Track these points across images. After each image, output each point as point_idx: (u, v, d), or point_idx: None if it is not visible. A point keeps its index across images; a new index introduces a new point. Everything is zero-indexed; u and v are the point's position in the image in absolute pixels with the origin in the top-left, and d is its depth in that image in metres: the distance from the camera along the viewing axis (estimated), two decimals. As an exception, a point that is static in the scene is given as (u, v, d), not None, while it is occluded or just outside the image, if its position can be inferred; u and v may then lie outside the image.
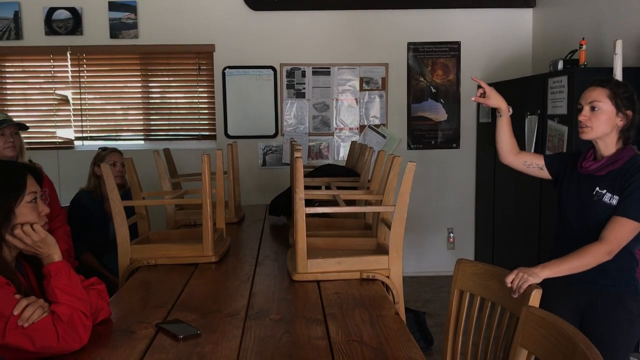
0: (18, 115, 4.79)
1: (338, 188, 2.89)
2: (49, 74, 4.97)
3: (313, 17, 4.98)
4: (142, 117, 5.08)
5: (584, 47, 3.64)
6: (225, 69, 4.97)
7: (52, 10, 4.82)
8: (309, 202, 2.21)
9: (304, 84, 5.03)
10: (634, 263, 2.07)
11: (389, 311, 1.80)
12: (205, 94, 5.06)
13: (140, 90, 5.06)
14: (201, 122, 5.09)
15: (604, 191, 2.03)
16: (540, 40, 4.95)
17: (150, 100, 5.07)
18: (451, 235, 5.22)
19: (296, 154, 2.16)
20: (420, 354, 1.48)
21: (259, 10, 4.93)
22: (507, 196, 4.44)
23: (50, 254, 1.59)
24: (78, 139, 5.03)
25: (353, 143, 4.01)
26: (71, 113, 5.00)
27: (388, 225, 2.21)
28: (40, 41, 4.85)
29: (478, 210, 5.15)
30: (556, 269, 1.91)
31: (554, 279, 1.90)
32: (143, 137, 5.09)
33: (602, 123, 2.03)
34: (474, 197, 5.19)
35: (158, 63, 5.02)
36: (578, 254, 1.93)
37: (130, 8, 4.85)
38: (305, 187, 2.16)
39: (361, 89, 5.07)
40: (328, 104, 5.07)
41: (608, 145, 2.07)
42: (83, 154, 4.78)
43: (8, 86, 4.98)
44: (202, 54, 4.99)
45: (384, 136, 5.10)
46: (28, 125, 3.21)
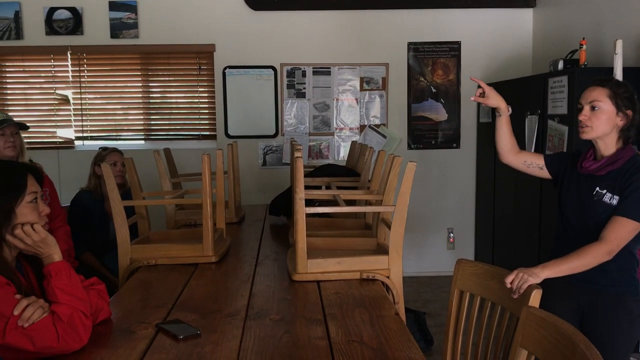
0: (18, 115, 4.79)
1: (338, 188, 2.89)
2: (49, 74, 4.97)
3: (313, 17, 4.98)
4: (143, 117, 5.08)
5: (584, 47, 3.64)
6: (225, 68, 4.97)
7: (53, 10, 4.82)
8: (309, 202, 2.21)
9: (304, 83, 5.03)
10: (634, 263, 2.07)
11: (389, 311, 1.80)
12: (206, 94, 5.06)
13: (141, 90, 5.06)
14: (201, 122, 5.09)
15: (604, 191, 2.03)
16: (540, 40, 4.95)
17: (151, 100, 5.07)
18: (451, 235, 5.22)
19: (296, 153, 2.16)
20: (420, 354, 1.48)
21: (260, 10, 4.93)
22: (507, 196, 4.44)
23: (50, 254, 1.59)
24: (78, 138, 5.03)
25: (353, 143, 4.01)
26: (71, 113, 5.01)
27: (388, 225, 2.21)
28: (41, 41, 4.85)
29: (478, 210, 5.15)
30: (556, 269, 1.91)
31: (554, 279, 1.90)
32: (143, 137, 5.09)
33: (603, 123, 2.03)
34: (474, 197, 5.19)
35: (158, 63, 5.02)
36: (578, 254, 1.93)
37: (130, 8, 4.85)
38: (306, 187, 2.16)
39: (361, 89, 5.07)
40: (328, 104, 5.07)
41: (608, 145, 2.07)
42: (83, 153, 4.78)
43: (8, 86, 4.98)
44: (203, 54, 4.99)
45: (384, 136, 5.10)
46: (28, 125, 3.21)
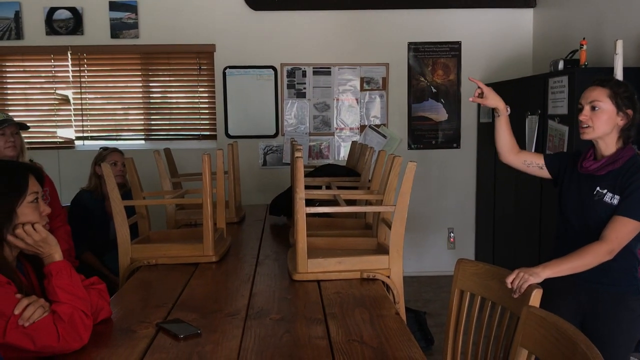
0: (19, 115, 4.79)
1: (338, 188, 2.89)
2: (49, 74, 4.97)
3: (314, 17, 4.98)
4: (143, 117, 5.08)
5: (584, 47, 3.64)
6: (225, 68, 4.97)
7: (53, 10, 4.83)
8: (309, 202, 2.21)
9: (304, 83, 5.03)
10: (635, 262, 2.07)
11: (390, 311, 1.80)
12: (206, 94, 5.06)
13: (141, 90, 5.06)
14: (202, 122, 5.09)
15: (605, 191, 2.03)
16: (540, 40, 4.95)
17: (151, 100, 5.07)
18: (452, 235, 5.22)
19: (297, 153, 2.16)
20: (421, 354, 1.48)
21: (260, 10, 4.93)
22: (508, 196, 4.44)
23: (51, 254, 1.59)
24: (79, 138, 5.03)
25: (353, 143, 4.01)
26: (72, 113, 5.01)
27: (388, 225, 2.21)
28: (41, 41, 4.85)
29: (478, 210, 5.15)
30: (557, 269, 1.91)
31: (554, 279, 1.90)
32: (144, 137, 5.09)
33: (603, 123, 2.03)
34: (474, 197, 5.19)
35: (159, 63, 5.02)
36: (579, 254, 1.93)
37: (130, 8, 4.85)
38: (306, 187, 2.16)
39: (362, 89, 5.07)
40: (328, 104, 5.07)
41: (608, 145, 2.07)
42: (83, 153, 4.78)
43: (9, 86, 4.98)
44: (203, 54, 4.99)
45: (384, 136, 5.10)
46: (29, 125, 3.21)
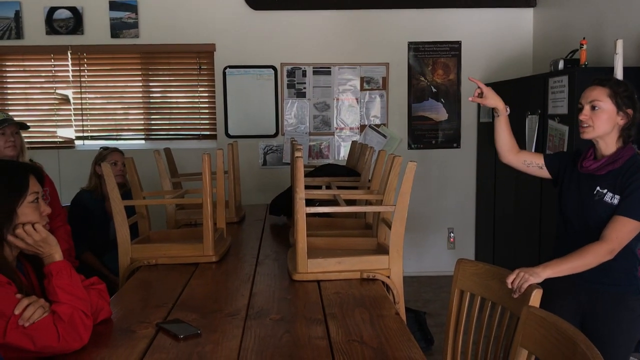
0: (19, 115, 4.79)
1: (338, 188, 2.89)
2: (49, 74, 4.97)
3: (314, 17, 4.98)
4: (143, 117, 5.08)
5: (584, 47, 3.64)
6: (225, 68, 4.97)
7: (53, 9, 4.82)
8: (309, 202, 2.21)
9: (304, 83, 5.03)
10: (635, 262, 2.07)
11: (390, 311, 1.80)
12: (206, 94, 5.06)
13: (141, 89, 5.06)
14: (202, 122, 5.09)
15: (605, 190, 2.03)
16: (540, 40, 4.95)
17: (151, 100, 5.07)
18: (452, 235, 5.22)
19: (297, 153, 2.16)
20: (421, 354, 1.48)
21: (260, 10, 4.93)
22: (508, 196, 4.44)
23: (51, 254, 1.59)
24: (79, 138, 5.03)
25: (353, 143, 4.01)
26: (72, 112, 5.01)
27: (388, 225, 2.21)
28: (41, 41, 4.85)
29: (479, 210, 5.15)
30: (557, 269, 1.90)
31: (555, 279, 1.90)
32: (144, 137, 5.09)
33: (603, 122, 2.03)
34: (474, 197, 5.19)
35: (159, 62, 5.02)
36: (579, 254, 1.93)
37: (130, 7, 4.85)
38: (306, 187, 2.16)
39: (362, 89, 5.07)
40: (329, 104, 5.07)
41: (608, 145, 2.06)
42: (84, 153, 4.78)
43: (9, 86, 4.98)
44: (203, 54, 4.99)
45: (384, 136, 5.10)
46: (29, 124, 3.21)
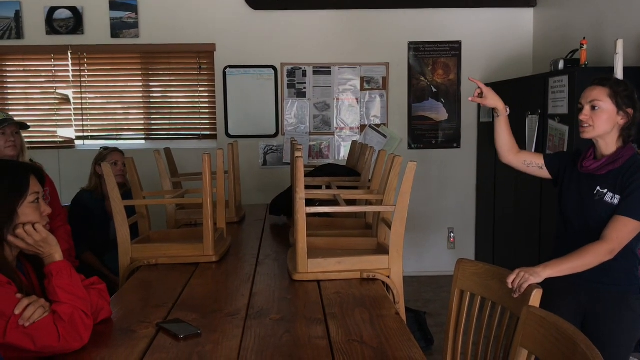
0: (19, 115, 4.79)
1: (338, 188, 2.89)
2: (49, 74, 4.97)
3: (314, 17, 4.98)
4: (143, 117, 5.08)
5: (584, 47, 3.64)
6: (226, 68, 4.97)
7: (53, 9, 4.83)
8: (309, 202, 2.21)
9: (304, 83, 5.03)
10: (636, 262, 2.07)
11: (390, 311, 1.80)
12: (206, 94, 5.06)
13: (141, 89, 5.06)
14: (202, 122, 5.09)
15: (605, 190, 2.03)
16: (541, 40, 4.95)
17: (151, 100, 5.07)
18: (452, 235, 5.22)
19: (297, 153, 2.16)
20: (421, 354, 1.48)
21: (260, 10, 4.93)
22: (508, 196, 4.44)
23: (51, 254, 1.59)
24: (79, 138, 5.03)
25: (354, 143, 4.01)
26: (72, 112, 5.01)
27: (388, 225, 2.21)
28: (41, 40, 4.85)
29: (479, 210, 5.15)
30: (557, 269, 1.90)
31: (555, 279, 1.90)
32: (144, 137, 5.09)
33: (603, 122, 2.03)
34: (474, 197, 5.19)
35: (159, 62, 5.02)
36: (579, 254, 1.93)
37: (131, 7, 4.85)
38: (306, 187, 2.16)
39: (362, 89, 5.07)
40: (329, 104, 5.07)
41: (609, 144, 2.06)
42: (84, 153, 4.78)
43: (9, 85, 4.98)
44: (203, 54, 4.99)
45: (384, 136, 5.10)
46: (29, 124, 3.21)
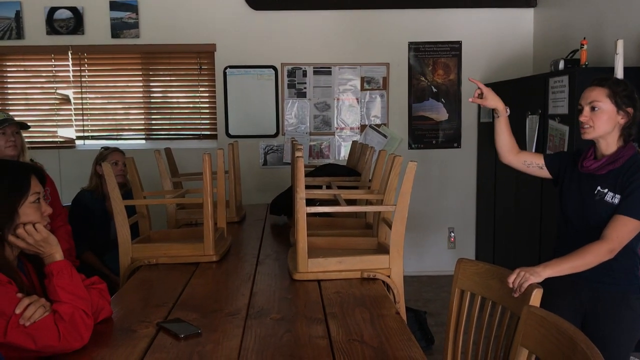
0: (19, 115, 4.80)
1: (339, 187, 2.89)
2: (50, 74, 4.98)
3: (314, 17, 4.98)
4: (143, 117, 5.08)
5: (585, 47, 3.64)
6: (226, 68, 4.97)
7: (54, 9, 4.83)
8: (309, 202, 2.21)
9: (305, 83, 5.03)
10: (636, 261, 2.07)
11: (390, 310, 1.80)
12: (207, 94, 5.06)
13: (142, 89, 5.06)
14: (202, 122, 5.10)
15: (606, 190, 2.03)
16: (541, 40, 4.95)
17: (152, 100, 5.08)
18: (452, 234, 5.22)
19: (297, 153, 2.17)
20: (421, 354, 1.48)
21: (260, 10, 4.93)
22: (508, 196, 4.44)
23: (52, 253, 1.60)
24: (79, 138, 5.04)
25: (354, 143, 4.01)
26: (72, 112, 5.01)
27: (389, 225, 2.21)
28: (42, 41, 4.85)
29: (479, 210, 5.15)
30: (558, 268, 1.90)
31: (555, 278, 1.90)
32: (144, 137, 5.10)
33: (604, 122, 2.03)
34: (475, 197, 5.19)
35: (159, 62, 5.03)
36: (580, 253, 1.93)
37: (131, 8, 4.86)
38: (306, 187, 2.16)
39: (362, 89, 5.07)
40: (329, 104, 5.07)
41: (609, 144, 2.06)
42: (84, 153, 4.79)
43: (9, 85, 4.99)
44: (203, 54, 4.99)
45: (385, 136, 5.10)
46: (29, 124, 3.22)
